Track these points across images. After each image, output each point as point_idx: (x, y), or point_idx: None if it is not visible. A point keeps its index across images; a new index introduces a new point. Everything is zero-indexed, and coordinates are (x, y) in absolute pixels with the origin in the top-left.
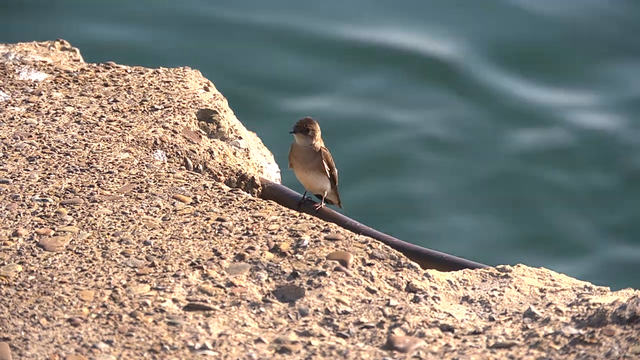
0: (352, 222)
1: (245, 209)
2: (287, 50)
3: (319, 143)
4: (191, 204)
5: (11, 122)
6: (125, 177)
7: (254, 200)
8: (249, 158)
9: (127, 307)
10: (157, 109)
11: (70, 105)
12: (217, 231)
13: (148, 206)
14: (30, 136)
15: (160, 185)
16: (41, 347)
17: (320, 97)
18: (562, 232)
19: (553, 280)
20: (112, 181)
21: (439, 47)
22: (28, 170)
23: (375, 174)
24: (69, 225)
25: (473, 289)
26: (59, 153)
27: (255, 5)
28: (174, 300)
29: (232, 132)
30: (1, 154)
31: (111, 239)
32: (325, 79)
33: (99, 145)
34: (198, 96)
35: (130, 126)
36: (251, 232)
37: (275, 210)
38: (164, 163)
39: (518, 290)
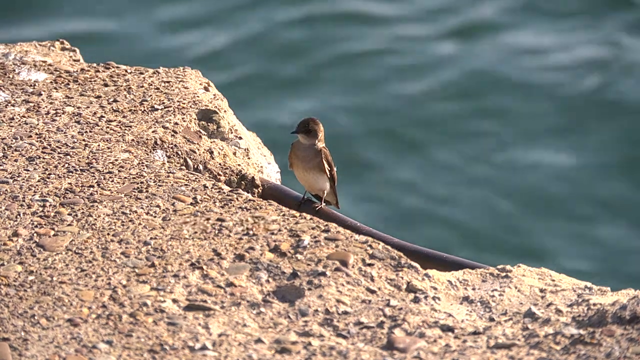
0: (353, 222)
1: (245, 209)
2: None
3: (320, 143)
4: (191, 204)
5: (11, 122)
6: (125, 177)
7: (254, 201)
8: (249, 158)
9: (127, 308)
10: (157, 109)
11: (70, 105)
12: (217, 231)
13: (148, 206)
14: (30, 136)
15: (160, 186)
16: (41, 347)
17: None
18: None
19: (553, 280)
20: (112, 181)
21: None
22: (28, 170)
23: None
24: (69, 225)
25: (473, 289)
26: (59, 153)
27: None
28: (174, 301)
29: (232, 132)
30: (1, 154)
31: (111, 239)
32: None
33: (99, 146)
34: (198, 96)
35: (130, 126)
36: (251, 232)
37: (275, 210)
38: (164, 163)
39: (518, 291)
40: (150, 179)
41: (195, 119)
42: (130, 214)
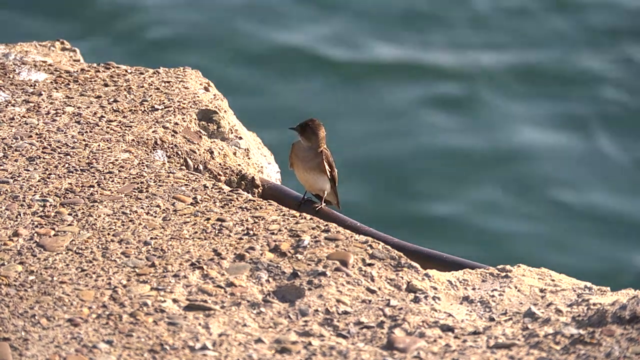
0: (353, 222)
1: (245, 209)
2: None
3: (322, 144)
4: (191, 204)
5: (11, 122)
6: (125, 177)
7: (254, 201)
8: (249, 158)
9: (127, 307)
10: (157, 109)
11: (71, 106)
12: (217, 231)
13: (148, 206)
14: (31, 136)
15: (160, 186)
16: (41, 347)
17: None
18: None
19: (553, 280)
20: (112, 181)
21: None
22: (28, 170)
23: None
24: (69, 225)
25: (473, 289)
26: (59, 153)
27: None
28: (174, 301)
29: (232, 132)
30: (1, 154)
31: (111, 239)
32: None
33: (99, 146)
34: (198, 96)
35: (131, 126)
36: (251, 232)
37: (276, 210)
38: (164, 163)
39: (518, 291)
40: (151, 179)
41: (195, 119)
42: (130, 214)
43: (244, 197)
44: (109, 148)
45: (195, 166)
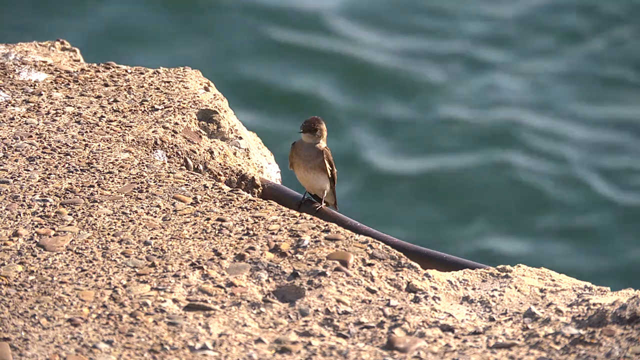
0: (353, 222)
1: (245, 209)
2: None
3: (323, 143)
4: (191, 204)
5: (11, 122)
6: (125, 177)
7: (254, 201)
8: (249, 158)
9: (127, 307)
10: (157, 109)
11: (71, 106)
12: (217, 231)
13: (148, 206)
14: (31, 136)
15: (160, 186)
16: (41, 347)
17: None
18: None
19: (553, 280)
20: (113, 181)
21: None
22: (28, 170)
23: None
24: (69, 225)
25: (473, 289)
26: (59, 153)
27: None
28: (174, 301)
29: (232, 132)
30: (1, 154)
31: (111, 239)
32: None
33: (99, 146)
34: (198, 96)
35: (131, 126)
36: (251, 232)
37: (276, 210)
38: (164, 163)
39: (518, 291)
40: (151, 179)
41: (195, 119)
42: (130, 214)
43: (244, 197)
44: (109, 148)
45: (195, 166)
